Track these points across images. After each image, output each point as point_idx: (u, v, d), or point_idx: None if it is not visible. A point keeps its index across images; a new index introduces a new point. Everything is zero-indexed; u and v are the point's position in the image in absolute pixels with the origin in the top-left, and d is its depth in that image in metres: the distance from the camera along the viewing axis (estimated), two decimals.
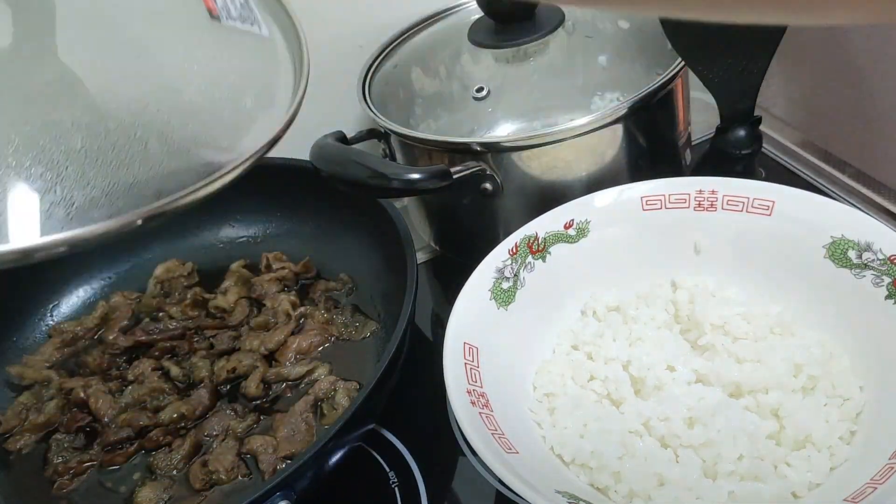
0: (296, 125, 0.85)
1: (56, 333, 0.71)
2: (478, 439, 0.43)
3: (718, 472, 0.45)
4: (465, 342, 0.49)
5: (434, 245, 0.74)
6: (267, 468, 0.55)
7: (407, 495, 0.55)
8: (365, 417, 0.55)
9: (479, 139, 0.69)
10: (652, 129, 0.64)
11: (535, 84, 0.72)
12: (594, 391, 0.51)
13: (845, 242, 0.50)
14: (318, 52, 0.76)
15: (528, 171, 0.61)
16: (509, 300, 0.54)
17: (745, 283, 0.55)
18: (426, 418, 0.61)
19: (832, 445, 0.45)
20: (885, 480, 0.40)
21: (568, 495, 0.41)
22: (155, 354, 0.67)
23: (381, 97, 0.69)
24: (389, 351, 0.53)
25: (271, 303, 0.69)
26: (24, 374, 0.67)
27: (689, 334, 0.54)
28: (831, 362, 0.49)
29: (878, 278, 0.49)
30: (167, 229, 0.77)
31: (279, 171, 0.75)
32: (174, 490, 0.56)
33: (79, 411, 0.63)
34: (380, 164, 0.59)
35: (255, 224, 0.78)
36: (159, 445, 0.59)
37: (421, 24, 0.76)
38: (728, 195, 0.55)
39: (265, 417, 0.60)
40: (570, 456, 0.47)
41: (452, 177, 0.58)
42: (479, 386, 0.47)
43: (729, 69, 0.57)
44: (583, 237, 0.57)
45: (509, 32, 0.66)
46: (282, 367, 0.63)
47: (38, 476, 0.60)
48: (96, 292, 0.75)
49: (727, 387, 0.49)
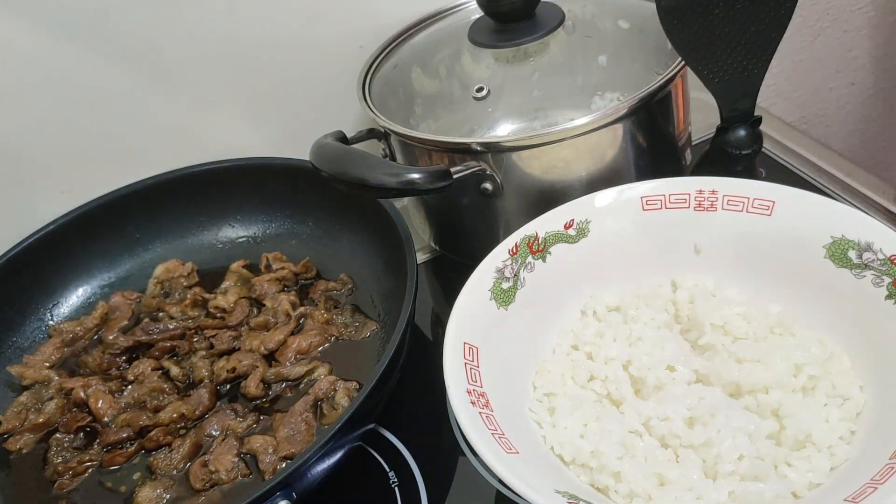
0: (296, 125, 0.86)
1: (56, 333, 0.71)
2: (478, 439, 0.43)
3: (719, 472, 0.45)
4: (465, 342, 0.49)
5: (434, 245, 0.74)
6: (267, 468, 0.56)
7: (407, 495, 0.55)
8: (365, 417, 0.55)
9: (479, 139, 0.69)
10: (652, 128, 0.64)
11: (535, 84, 0.72)
12: (594, 391, 0.51)
13: (845, 242, 0.50)
14: (318, 53, 0.77)
15: (528, 170, 0.61)
16: (509, 300, 0.54)
17: (746, 283, 0.55)
18: (426, 418, 0.61)
19: (832, 445, 0.45)
20: (885, 480, 0.40)
21: (568, 495, 0.41)
22: (155, 354, 0.67)
23: (381, 97, 0.69)
24: (389, 351, 0.53)
25: (271, 303, 0.69)
26: (24, 374, 0.67)
27: (689, 334, 0.54)
28: (831, 362, 0.49)
29: (878, 278, 0.49)
30: (167, 229, 0.77)
31: (279, 171, 0.75)
32: (174, 490, 0.56)
33: (79, 411, 0.63)
34: (380, 164, 0.59)
35: (255, 224, 0.78)
36: (159, 445, 0.59)
37: (421, 24, 0.76)
38: (728, 195, 0.55)
39: (265, 417, 0.60)
40: (571, 456, 0.47)
41: (452, 177, 0.58)
42: (479, 386, 0.47)
43: (729, 69, 0.57)
44: (583, 237, 0.57)
45: (509, 32, 0.66)
46: (282, 367, 0.63)
47: (38, 476, 0.60)
48: (96, 292, 0.75)
49: (727, 387, 0.49)
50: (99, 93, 0.73)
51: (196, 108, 0.77)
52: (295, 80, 0.78)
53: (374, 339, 0.65)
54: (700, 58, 0.57)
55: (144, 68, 0.73)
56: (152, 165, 0.76)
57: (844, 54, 1.09)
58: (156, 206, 0.76)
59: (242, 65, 0.76)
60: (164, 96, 0.75)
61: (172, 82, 0.75)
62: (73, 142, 0.75)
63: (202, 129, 0.78)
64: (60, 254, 0.74)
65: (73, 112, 0.73)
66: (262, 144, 0.79)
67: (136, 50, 0.72)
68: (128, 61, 0.72)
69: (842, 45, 1.08)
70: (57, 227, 0.73)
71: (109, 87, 0.73)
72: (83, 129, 0.75)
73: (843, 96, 1.12)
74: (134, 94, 0.74)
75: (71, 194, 0.75)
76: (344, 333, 0.66)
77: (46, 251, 0.73)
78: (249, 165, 0.76)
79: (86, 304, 0.74)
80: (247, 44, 0.75)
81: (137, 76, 0.73)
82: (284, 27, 0.75)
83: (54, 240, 0.73)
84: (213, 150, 0.77)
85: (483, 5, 0.67)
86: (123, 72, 0.73)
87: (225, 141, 0.79)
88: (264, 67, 0.76)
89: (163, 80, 0.74)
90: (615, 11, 0.72)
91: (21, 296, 0.72)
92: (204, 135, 0.78)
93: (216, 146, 0.78)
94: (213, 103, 0.77)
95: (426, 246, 0.76)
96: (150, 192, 0.76)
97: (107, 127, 0.75)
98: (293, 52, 0.76)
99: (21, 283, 0.71)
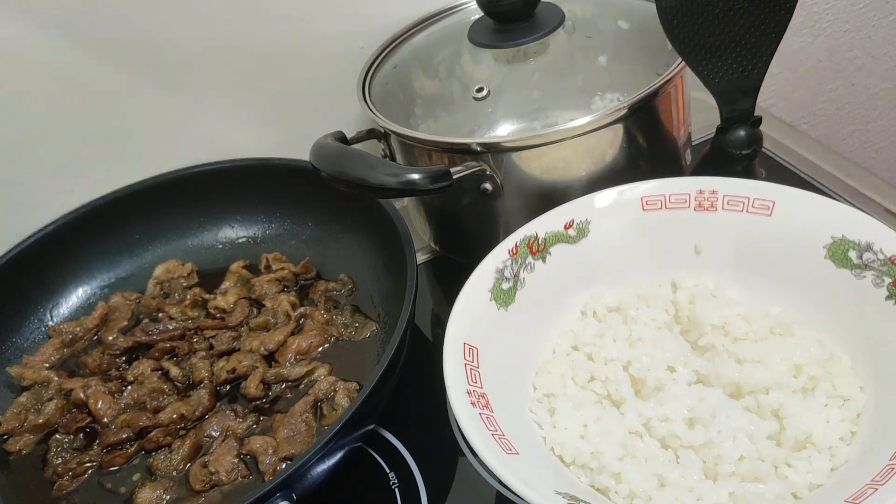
0: (296, 125, 0.86)
1: (55, 334, 0.71)
2: (478, 440, 0.43)
3: (719, 473, 0.45)
4: (465, 343, 0.49)
5: (434, 245, 0.74)
6: (267, 469, 0.55)
7: (407, 496, 0.55)
8: (365, 418, 0.55)
9: (479, 139, 0.69)
10: (652, 129, 0.64)
11: (535, 84, 0.72)
12: (594, 392, 0.51)
13: (846, 243, 0.50)
14: (318, 53, 0.77)
15: (528, 171, 0.61)
16: (509, 300, 0.54)
17: (746, 284, 0.55)
18: (426, 419, 0.61)
19: (833, 446, 0.45)
20: (885, 481, 0.40)
21: (568, 496, 0.41)
22: (154, 355, 0.67)
23: (381, 97, 0.69)
24: (389, 351, 0.53)
25: (271, 303, 0.69)
26: (24, 375, 0.67)
27: (689, 335, 0.54)
28: (831, 363, 0.49)
29: (878, 279, 0.49)
30: (167, 230, 0.77)
31: (279, 172, 0.75)
32: (174, 491, 0.56)
33: (78, 412, 0.63)
34: (380, 164, 0.59)
35: (254, 225, 0.78)
36: (159, 446, 0.59)
37: (421, 25, 0.76)
38: (728, 195, 0.55)
39: (265, 418, 0.60)
40: (571, 457, 0.47)
41: (452, 177, 0.58)
42: (479, 386, 0.47)
43: (729, 69, 0.57)
44: (583, 237, 0.57)
45: (509, 32, 0.66)
46: (281, 367, 0.63)
47: (37, 477, 0.60)
48: (96, 293, 0.75)
49: (727, 387, 0.49)
50: (99, 94, 0.73)
51: (196, 108, 0.77)
52: (295, 81, 0.78)
53: (374, 340, 0.65)
54: (700, 58, 0.57)
55: (144, 69, 0.73)
56: (152, 166, 0.76)
57: (844, 54, 1.09)
58: (155, 207, 0.76)
59: (242, 65, 0.76)
60: (164, 97, 0.75)
61: (172, 83, 0.75)
62: (72, 143, 0.75)
63: (202, 130, 0.78)
64: (60, 254, 0.74)
65: (73, 113, 0.73)
66: (261, 145, 0.79)
67: (137, 51, 0.72)
68: (128, 62, 0.72)
69: (842, 45, 1.08)
70: (57, 228, 0.73)
71: (109, 88, 0.73)
72: (83, 130, 0.75)
73: (843, 97, 1.12)
74: (134, 94, 0.74)
75: (71, 195, 0.75)
76: (344, 334, 0.66)
77: (46, 252, 0.73)
78: (249, 166, 0.76)
79: (85, 304, 0.74)
80: (247, 44, 0.75)
81: (137, 77, 0.73)
82: (285, 28, 0.75)
83: (54, 240, 0.73)
84: (213, 150, 0.77)
85: (483, 5, 0.67)
86: (123, 73, 0.73)
87: (224, 141, 0.79)
88: (264, 68, 0.76)
89: (163, 81, 0.74)
90: (615, 12, 0.72)
91: (21, 296, 0.72)
92: (204, 135, 0.78)
93: (216, 147, 0.78)
94: (213, 104, 0.77)
95: (426, 246, 0.76)
96: (149, 192, 0.76)
97: (107, 128, 0.75)
98: (293, 52, 0.76)
99: (21, 284, 0.71)
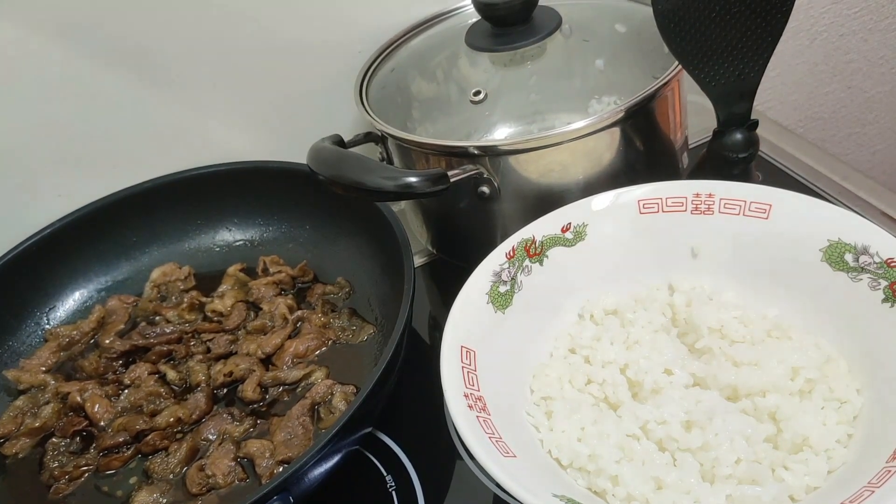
0: (293, 129, 0.86)
1: (52, 337, 0.70)
2: (475, 443, 0.43)
3: (716, 476, 0.45)
4: (462, 346, 0.49)
5: (431, 249, 0.74)
6: (264, 472, 0.55)
7: (404, 499, 0.55)
8: (362, 421, 0.55)
9: (477, 143, 0.69)
10: (649, 132, 0.64)
11: (532, 87, 0.72)
12: (592, 395, 0.51)
13: (842, 246, 0.51)
14: (315, 56, 0.77)
15: (526, 174, 0.61)
16: (506, 304, 0.54)
17: (743, 287, 0.55)
18: (423, 422, 0.61)
19: (830, 449, 0.45)
20: (882, 484, 0.40)
21: (565, 499, 0.41)
22: (151, 358, 0.66)
23: (378, 101, 0.69)
24: (387, 354, 0.53)
25: (268, 306, 0.69)
26: (21, 379, 0.67)
27: (686, 338, 0.54)
28: (828, 365, 0.49)
29: (874, 281, 0.49)
30: (164, 233, 0.77)
31: (276, 175, 0.75)
32: (171, 494, 0.56)
33: (75, 415, 0.63)
34: (377, 167, 0.59)
35: (252, 228, 0.78)
36: (156, 449, 0.59)
37: (418, 28, 0.76)
38: (725, 198, 0.55)
39: (262, 421, 0.60)
40: (568, 459, 0.47)
41: (450, 180, 0.58)
42: (477, 389, 0.47)
43: (726, 73, 0.57)
44: (580, 240, 0.57)
45: (506, 36, 0.67)
46: (279, 370, 0.63)
47: (34, 481, 0.60)
48: (93, 296, 0.75)
49: (724, 390, 0.49)
50: (95, 97, 0.73)
51: (193, 112, 0.77)
52: (292, 84, 0.78)
53: (372, 343, 0.65)
54: (697, 62, 0.57)
55: (141, 72, 0.73)
56: (149, 169, 0.76)
57: (841, 58, 1.10)
58: (152, 210, 0.76)
59: (239, 69, 0.76)
60: (161, 100, 0.75)
61: (169, 86, 0.75)
62: (69, 146, 0.75)
63: (199, 133, 0.78)
64: (57, 257, 0.73)
65: (70, 116, 0.73)
66: (259, 148, 0.79)
67: (133, 54, 0.72)
68: (125, 66, 0.72)
69: (838, 48, 1.09)
70: (53, 231, 0.73)
71: (106, 91, 0.73)
72: (80, 133, 0.75)
73: (840, 100, 1.13)
74: (131, 98, 0.74)
75: (68, 198, 0.75)
76: (341, 337, 0.66)
77: (43, 255, 0.72)
78: (246, 169, 0.76)
79: (82, 307, 0.74)
80: (244, 48, 0.75)
81: (134, 80, 0.73)
82: (282, 31, 0.75)
83: (51, 243, 0.72)
84: (210, 153, 0.77)
85: (480, 9, 0.67)
86: (120, 76, 0.73)
87: (222, 145, 0.79)
88: (261, 71, 0.76)
89: (160, 85, 0.74)
90: (612, 15, 0.73)
91: (17, 299, 0.72)
92: (201, 138, 0.78)
93: (213, 150, 0.78)
94: (210, 107, 0.77)
95: (423, 249, 0.76)
96: (146, 195, 0.75)
97: (103, 131, 0.75)
98: (290, 56, 0.76)
99: (17, 287, 0.71)
